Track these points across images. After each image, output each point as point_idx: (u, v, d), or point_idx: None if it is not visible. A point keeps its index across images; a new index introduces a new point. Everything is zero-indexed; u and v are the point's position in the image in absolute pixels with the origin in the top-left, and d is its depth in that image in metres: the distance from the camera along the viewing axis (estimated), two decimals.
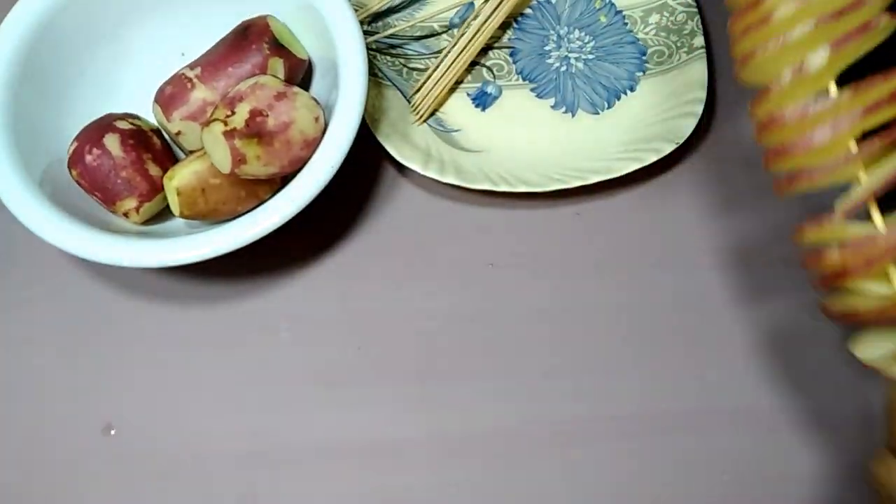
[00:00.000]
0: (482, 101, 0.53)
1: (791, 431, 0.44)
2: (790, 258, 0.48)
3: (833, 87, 0.27)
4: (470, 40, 0.52)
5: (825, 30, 0.26)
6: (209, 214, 0.45)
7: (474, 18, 0.52)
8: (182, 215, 0.44)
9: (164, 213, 0.47)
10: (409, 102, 0.52)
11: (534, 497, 0.44)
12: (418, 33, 0.54)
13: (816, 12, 0.26)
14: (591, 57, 0.54)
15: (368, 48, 0.49)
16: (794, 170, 0.27)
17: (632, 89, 0.52)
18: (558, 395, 0.45)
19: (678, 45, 0.52)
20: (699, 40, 0.51)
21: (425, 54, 0.54)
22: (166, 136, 0.48)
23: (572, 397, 0.45)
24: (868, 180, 0.26)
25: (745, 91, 0.53)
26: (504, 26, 0.54)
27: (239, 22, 0.47)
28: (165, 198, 0.45)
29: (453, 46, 0.52)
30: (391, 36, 0.54)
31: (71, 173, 0.45)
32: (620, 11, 0.54)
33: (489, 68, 0.54)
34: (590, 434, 0.45)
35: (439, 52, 0.53)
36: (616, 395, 0.45)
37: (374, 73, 0.51)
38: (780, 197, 0.29)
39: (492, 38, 0.53)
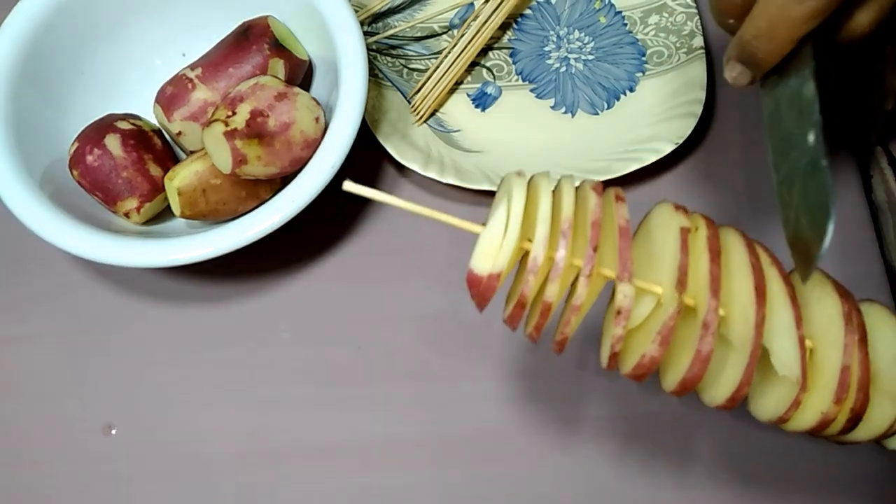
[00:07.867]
0: (482, 101, 0.53)
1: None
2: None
3: None
4: (470, 41, 0.52)
5: None
6: (210, 214, 0.45)
7: (474, 19, 0.52)
8: (183, 215, 0.44)
9: (164, 214, 0.47)
10: (409, 103, 0.52)
11: (534, 496, 0.44)
12: (418, 34, 0.55)
13: None
14: (590, 58, 0.54)
15: (369, 49, 0.49)
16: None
17: (631, 90, 0.52)
18: (560, 396, 0.45)
19: (677, 45, 0.52)
20: (698, 41, 0.51)
21: (425, 55, 0.54)
22: (167, 136, 0.48)
23: (572, 398, 0.45)
24: None
25: (745, 92, 0.54)
26: (504, 27, 0.54)
27: (240, 22, 0.47)
28: (166, 198, 0.45)
29: (453, 47, 0.52)
30: (391, 37, 0.54)
31: (72, 173, 0.45)
32: (620, 12, 0.55)
33: (489, 69, 0.54)
34: (591, 434, 0.45)
35: (439, 52, 0.53)
36: (614, 396, 0.45)
37: (374, 73, 0.51)
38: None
39: (492, 38, 0.53)
